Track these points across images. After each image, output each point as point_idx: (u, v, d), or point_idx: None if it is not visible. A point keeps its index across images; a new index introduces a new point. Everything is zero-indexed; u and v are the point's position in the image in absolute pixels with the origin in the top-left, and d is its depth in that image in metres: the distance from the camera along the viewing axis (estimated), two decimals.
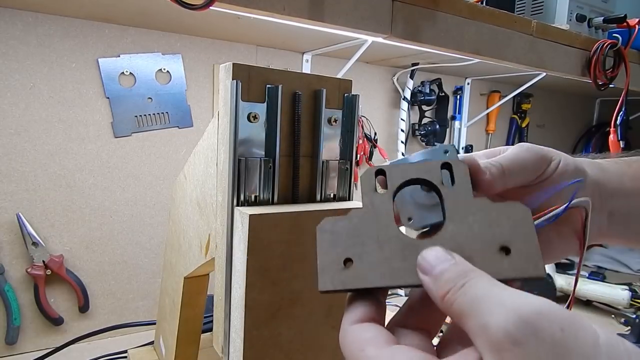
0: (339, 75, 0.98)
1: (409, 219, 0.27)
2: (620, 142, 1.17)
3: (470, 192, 0.25)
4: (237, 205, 0.37)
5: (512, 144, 0.34)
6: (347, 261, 0.24)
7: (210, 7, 0.54)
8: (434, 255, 0.23)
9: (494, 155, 0.33)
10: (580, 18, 1.09)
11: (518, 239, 0.23)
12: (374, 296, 0.24)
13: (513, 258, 0.23)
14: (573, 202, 0.29)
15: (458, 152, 0.28)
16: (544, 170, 0.32)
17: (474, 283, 0.20)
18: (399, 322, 0.25)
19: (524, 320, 0.17)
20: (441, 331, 0.25)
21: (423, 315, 0.24)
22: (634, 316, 0.99)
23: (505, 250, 0.23)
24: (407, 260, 0.24)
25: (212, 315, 0.42)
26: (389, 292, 1.18)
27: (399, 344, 0.22)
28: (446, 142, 1.39)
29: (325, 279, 0.24)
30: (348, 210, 0.39)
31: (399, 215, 0.27)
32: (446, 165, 0.26)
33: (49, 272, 0.80)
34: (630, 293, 1.06)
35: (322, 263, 0.24)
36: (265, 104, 0.37)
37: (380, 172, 0.27)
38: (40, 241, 0.80)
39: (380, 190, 0.26)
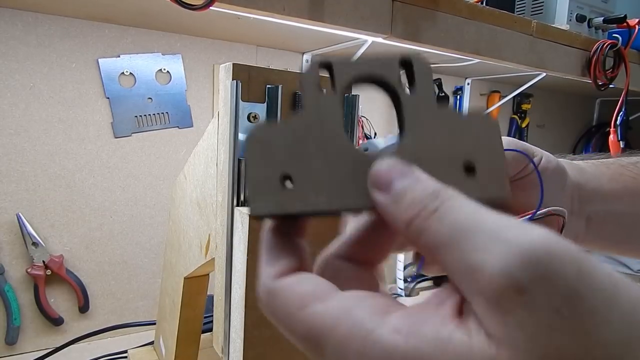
0: None
1: (365, 149, 0.22)
2: (620, 142, 1.17)
3: (433, 98, 0.21)
4: (237, 205, 0.37)
5: None
6: (286, 178, 0.19)
7: (210, 7, 0.54)
8: (388, 166, 0.18)
9: None
10: (580, 18, 1.09)
11: (484, 155, 0.20)
12: (292, 239, 0.20)
13: (478, 178, 0.20)
14: (550, 209, 0.28)
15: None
16: (526, 164, 0.30)
17: (452, 206, 0.16)
18: (334, 253, 0.20)
19: (532, 262, 0.13)
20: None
21: (367, 244, 0.20)
22: None
23: (468, 167, 0.20)
24: (358, 178, 0.19)
25: (212, 315, 0.42)
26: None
27: (342, 289, 0.18)
28: None
29: (259, 202, 0.19)
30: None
31: None
32: (405, 63, 0.21)
33: (49, 272, 0.80)
34: None
35: (253, 180, 0.19)
36: (265, 104, 0.37)
37: (325, 65, 0.21)
38: (40, 241, 0.80)
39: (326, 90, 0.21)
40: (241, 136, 0.37)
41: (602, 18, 1.11)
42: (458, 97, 1.39)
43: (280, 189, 0.19)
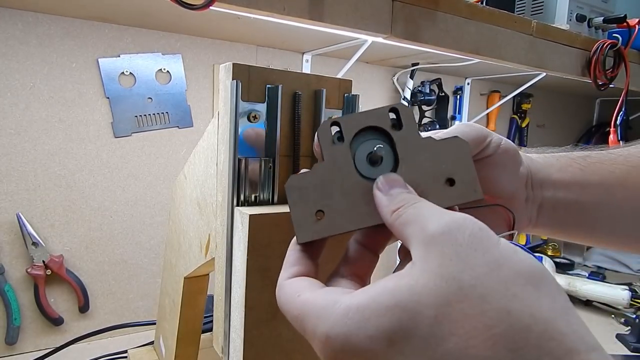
0: (339, 75, 0.98)
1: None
2: (621, 142, 1.17)
3: (417, 133, 0.28)
4: (237, 205, 0.37)
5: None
6: (319, 212, 0.27)
7: (210, 7, 0.54)
8: (391, 178, 0.26)
9: None
10: (580, 18, 1.09)
11: (460, 170, 0.27)
12: (311, 256, 0.27)
13: (457, 187, 0.27)
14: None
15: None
16: (486, 145, 0.34)
17: (423, 203, 0.24)
18: (334, 272, 0.28)
19: (453, 221, 0.21)
20: None
21: (356, 264, 0.27)
22: (634, 316, 0.99)
23: (450, 181, 0.27)
24: (370, 203, 0.27)
25: (212, 315, 0.42)
26: None
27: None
28: None
29: (302, 232, 0.27)
30: None
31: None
32: (394, 110, 0.28)
33: (49, 272, 0.80)
34: (630, 293, 1.06)
35: (296, 218, 0.27)
36: (265, 104, 0.37)
37: (335, 123, 0.28)
38: (40, 241, 0.80)
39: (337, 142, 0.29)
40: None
41: (602, 18, 1.11)
42: (458, 97, 1.39)
43: (315, 220, 0.27)
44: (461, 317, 0.18)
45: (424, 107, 1.31)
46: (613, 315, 1.08)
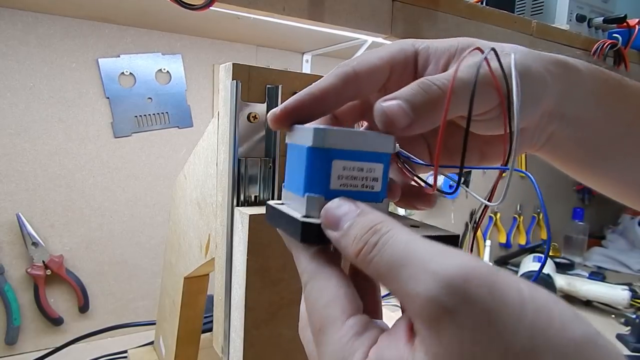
0: None
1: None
2: None
3: None
4: (237, 205, 0.37)
5: None
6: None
7: (210, 7, 0.54)
8: (335, 206, 0.21)
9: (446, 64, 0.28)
10: (580, 18, 1.09)
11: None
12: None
13: (423, 227, 0.25)
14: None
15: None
16: (494, 106, 0.25)
17: (388, 241, 0.18)
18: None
19: (453, 287, 0.15)
20: None
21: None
22: (634, 316, 0.99)
23: (414, 227, 0.24)
24: None
25: (212, 315, 0.42)
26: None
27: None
28: None
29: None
30: None
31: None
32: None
33: (49, 272, 0.80)
34: (630, 293, 1.06)
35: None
36: (265, 104, 0.37)
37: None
38: (40, 241, 0.80)
39: None
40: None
41: (602, 18, 1.11)
42: None
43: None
44: None
45: None
46: (613, 316, 1.08)
